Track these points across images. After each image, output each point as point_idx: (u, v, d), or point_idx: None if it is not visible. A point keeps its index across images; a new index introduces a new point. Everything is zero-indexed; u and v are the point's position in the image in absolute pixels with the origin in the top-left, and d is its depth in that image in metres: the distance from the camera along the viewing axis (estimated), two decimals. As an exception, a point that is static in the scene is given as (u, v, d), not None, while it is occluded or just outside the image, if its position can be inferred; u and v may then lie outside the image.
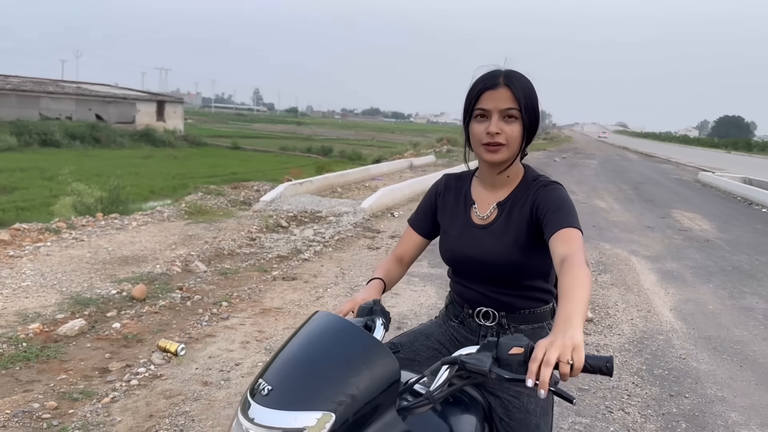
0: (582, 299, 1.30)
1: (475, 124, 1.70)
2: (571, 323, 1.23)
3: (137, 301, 5.10)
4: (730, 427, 3.51)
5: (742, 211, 13.71)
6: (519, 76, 1.69)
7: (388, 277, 1.87)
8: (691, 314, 5.65)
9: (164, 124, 39.74)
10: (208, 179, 21.07)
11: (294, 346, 1.29)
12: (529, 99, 1.68)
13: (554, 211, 1.60)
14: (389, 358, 1.24)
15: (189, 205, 10.03)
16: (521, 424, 1.70)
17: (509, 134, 1.65)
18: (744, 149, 63.55)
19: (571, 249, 1.47)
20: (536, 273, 1.73)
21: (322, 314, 1.39)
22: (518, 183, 1.77)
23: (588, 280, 1.37)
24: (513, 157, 1.71)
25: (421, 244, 1.96)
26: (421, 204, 1.98)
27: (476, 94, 1.68)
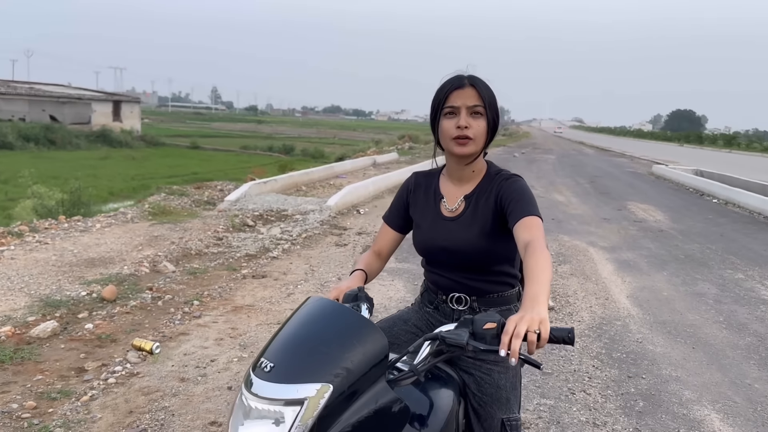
0: (545, 280, 1.46)
1: (444, 120, 1.85)
2: (537, 301, 1.38)
3: (108, 302, 5.12)
4: (684, 404, 3.75)
5: (694, 202, 14.27)
6: (480, 79, 1.86)
7: (369, 269, 2.00)
8: (647, 301, 5.94)
9: (121, 124, 39.00)
10: (168, 180, 20.83)
11: (291, 327, 1.41)
12: (491, 98, 1.85)
13: (517, 201, 1.77)
14: (379, 335, 1.38)
15: (153, 206, 9.96)
16: (492, 398, 1.86)
17: (476, 129, 1.81)
18: (696, 142, 65.64)
19: (533, 235, 1.64)
20: (503, 258, 1.89)
21: (315, 299, 1.51)
22: (482, 177, 1.93)
23: (549, 262, 1.53)
24: (479, 150, 1.87)
25: (397, 238, 2.09)
26: (393, 201, 2.11)
27: (445, 93, 1.84)
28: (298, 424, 1.22)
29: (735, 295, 6.23)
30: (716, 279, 6.89)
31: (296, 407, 1.23)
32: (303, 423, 1.22)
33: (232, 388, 3.69)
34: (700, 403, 3.78)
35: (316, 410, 1.22)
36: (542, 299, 1.40)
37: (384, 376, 1.38)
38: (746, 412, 3.68)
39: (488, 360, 1.87)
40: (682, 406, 3.73)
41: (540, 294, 1.41)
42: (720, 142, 62.30)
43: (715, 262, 7.73)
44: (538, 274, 1.48)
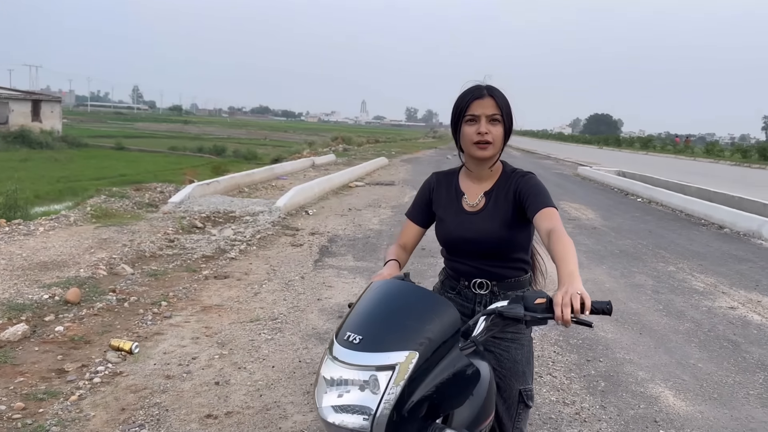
0: (575, 259, 1.71)
1: (466, 127, 2.06)
2: (574, 277, 1.62)
3: (73, 305, 5.05)
4: (641, 383, 4.12)
5: (620, 201, 15.13)
6: (498, 89, 2.08)
7: (399, 259, 2.18)
8: (592, 292, 6.25)
9: (41, 124, 37.27)
10: (95, 182, 20.16)
11: (368, 305, 1.58)
12: (507, 107, 2.07)
13: (535, 195, 2.00)
14: (452, 309, 1.57)
15: (94, 209, 9.72)
16: (510, 372, 2.10)
17: (495, 134, 2.04)
18: (614, 145, 68.88)
19: (553, 224, 1.88)
20: (519, 246, 2.12)
21: (381, 281, 1.69)
22: (499, 175, 2.15)
23: (572, 244, 1.77)
24: (498, 153, 2.09)
25: (420, 232, 2.29)
26: (416, 199, 2.31)
27: (466, 102, 2.05)
28: (391, 385, 1.39)
29: (670, 286, 6.76)
30: (651, 271, 7.44)
31: (389, 372, 1.40)
32: (396, 385, 1.39)
33: (219, 383, 3.78)
34: (654, 382, 4.15)
35: (407, 374, 1.40)
36: (577, 275, 1.64)
37: (457, 345, 1.57)
38: (694, 388, 4.09)
39: (506, 337, 2.10)
40: (639, 384, 4.10)
41: (575, 271, 1.65)
42: (637, 144, 65.62)
43: (648, 257, 8.32)
44: (568, 255, 1.72)
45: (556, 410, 3.67)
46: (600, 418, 3.60)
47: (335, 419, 1.44)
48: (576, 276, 1.64)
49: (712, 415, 3.72)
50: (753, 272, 7.67)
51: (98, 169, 27.00)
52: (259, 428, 3.27)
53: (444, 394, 1.48)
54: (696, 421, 3.64)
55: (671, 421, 3.61)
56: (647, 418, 3.63)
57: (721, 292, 6.61)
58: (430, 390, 1.45)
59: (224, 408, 3.47)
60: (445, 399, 1.50)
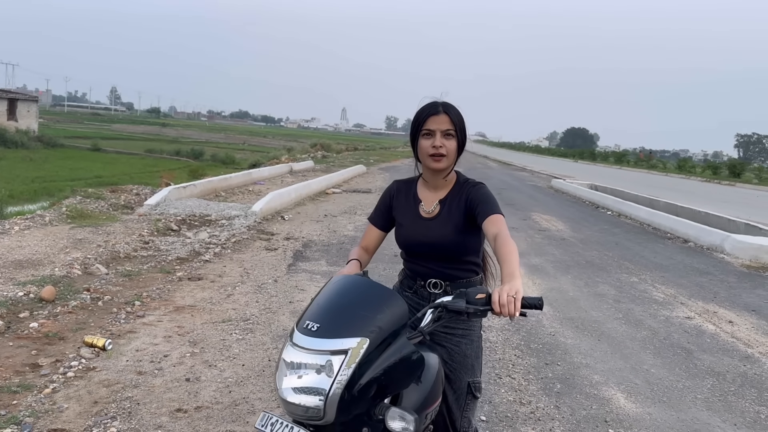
0: (517, 261, 1.89)
1: (422, 140, 2.25)
2: (513, 276, 1.81)
3: (47, 302, 5.13)
4: (594, 386, 4.33)
5: (590, 214, 15.49)
6: (453, 106, 2.28)
7: (361, 259, 2.35)
8: (556, 300, 6.60)
9: (16, 123, 36.83)
10: (70, 183, 20.04)
11: (327, 296, 1.75)
12: (461, 123, 2.27)
13: (484, 203, 2.20)
14: (401, 302, 1.76)
15: (70, 209, 9.75)
16: (460, 365, 2.28)
17: (449, 148, 2.23)
18: (589, 158, 70.06)
19: (499, 228, 2.07)
20: (471, 250, 2.31)
21: (341, 276, 1.86)
22: (453, 184, 2.34)
23: (515, 247, 1.96)
24: (451, 165, 2.28)
25: (381, 236, 2.47)
26: (378, 205, 2.49)
27: (423, 118, 2.25)
28: (344, 368, 1.56)
29: (631, 296, 7.02)
30: (614, 282, 7.70)
31: (342, 356, 1.57)
32: (347, 367, 1.56)
33: (190, 380, 3.90)
34: (607, 385, 4.37)
35: (358, 357, 1.58)
36: (517, 275, 1.83)
37: (405, 334, 1.75)
38: (645, 392, 4.31)
39: (457, 333, 2.29)
40: (593, 387, 4.31)
41: (515, 271, 1.84)
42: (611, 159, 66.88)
43: (612, 267, 8.60)
44: (510, 257, 1.90)
45: (513, 409, 3.86)
46: (553, 417, 3.80)
47: (293, 399, 1.61)
48: (515, 275, 1.82)
49: (660, 417, 3.94)
50: (712, 284, 7.97)
51: (74, 170, 26.82)
52: (228, 422, 3.41)
53: (391, 376, 1.66)
54: (644, 421, 3.85)
55: (621, 422, 3.82)
56: (598, 418, 3.83)
57: (680, 303, 6.88)
58: (379, 373, 1.62)
59: (194, 403, 3.60)
60: (392, 381, 1.68)
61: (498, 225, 2.09)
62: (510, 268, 1.86)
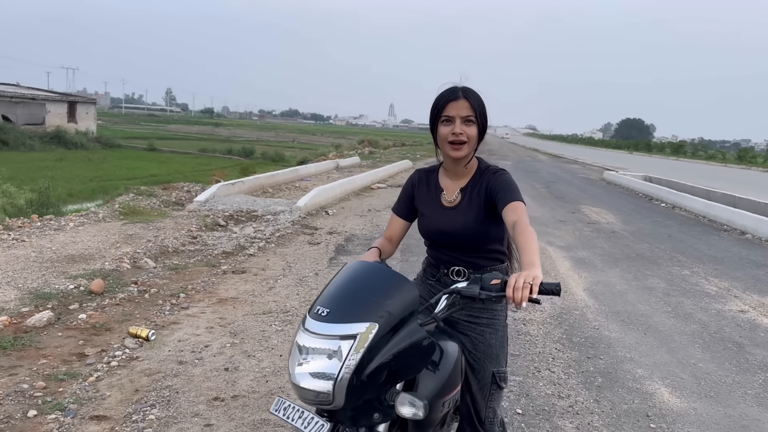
0: (536, 248, 1.84)
1: (442, 127, 2.21)
2: (533, 264, 1.76)
3: (96, 295, 5.31)
4: (638, 380, 4.21)
5: (643, 206, 15.04)
6: (473, 91, 2.22)
7: (382, 248, 2.34)
8: (602, 293, 6.44)
9: (76, 125, 38.27)
10: (126, 181, 20.66)
11: (339, 282, 1.75)
12: (482, 108, 2.21)
13: (504, 190, 2.15)
14: (411, 287, 1.74)
15: (122, 206, 10.06)
16: (485, 354, 2.24)
17: (469, 134, 2.18)
18: (644, 150, 68.04)
19: (519, 216, 2.02)
20: (494, 238, 2.26)
21: (355, 262, 1.86)
22: (474, 172, 2.30)
23: (535, 235, 1.91)
24: (472, 152, 2.24)
25: (404, 226, 2.45)
26: (400, 195, 2.48)
27: (442, 104, 2.20)
28: (352, 353, 1.56)
29: (682, 289, 6.79)
30: (665, 275, 7.46)
31: (350, 341, 1.57)
32: (356, 352, 1.56)
33: (228, 369, 3.98)
34: (651, 379, 4.24)
35: (366, 342, 1.57)
36: (537, 262, 1.78)
37: (415, 320, 1.73)
38: (692, 386, 4.16)
39: (481, 322, 2.25)
40: (636, 381, 4.19)
41: (535, 260, 1.79)
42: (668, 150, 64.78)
43: (664, 260, 8.32)
44: (529, 245, 1.86)
45: (550, 403, 3.79)
46: (592, 411, 3.70)
47: (305, 384, 1.61)
48: (535, 264, 1.77)
49: (706, 412, 3.79)
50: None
51: (130, 169, 27.67)
52: (263, 411, 3.46)
53: (401, 362, 1.64)
54: (688, 416, 3.72)
55: (663, 416, 3.69)
56: (639, 413, 3.72)
57: (734, 296, 6.61)
58: (388, 358, 1.61)
59: (231, 392, 3.67)
60: (403, 367, 1.66)
61: (517, 212, 2.04)
62: (529, 257, 1.81)
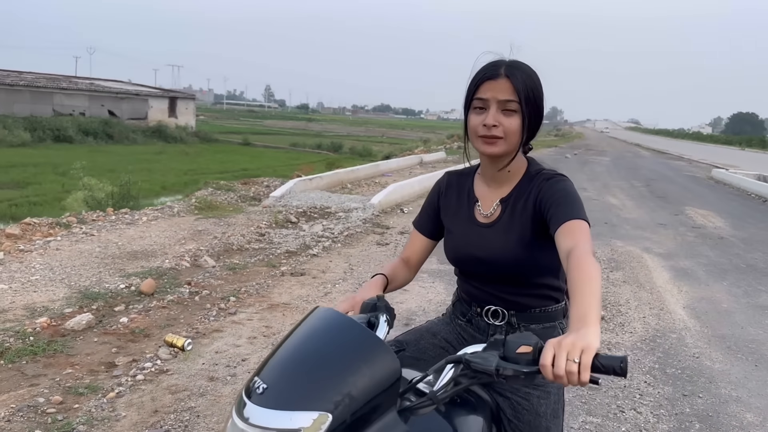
0: (593, 294, 1.25)
1: (473, 115, 1.63)
2: (585, 322, 1.18)
3: (145, 296, 5.09)
4: (746, 428, 3.44)
5: (756, 209, 13.54)
6: (522, 66, 1.63)
7: (392, 276, 1.80)
8: (705, 312, 5.57)
9: (176, 120, 39.86)
10: (218, 175, 21.09)
11: (291, 343, 1.24)
12: (532, 91, 1.61)
13: (559, 204, 1.55)
14: (389, 356, 1.19)
15: (199, 201, 10.03)
16: (530, 426, 1.65)
17: (507, 127, 1.58)
18: (758, 146, 62.78)
19: (576, 241, 1.42)
20: (545, 270, 1.67)
21: (322, 310, 1.34)
22: (521, 178, 1.71)
23: (597, 272, 1.31)
24: (512, 151, 1.64)
25: (428, 245, 1.90)
26: (424, 204, 1.92)
27: (476, 83, 1.62)
28: None
29: (803, 310, 5.78)
30: (782, 291, 6.43)
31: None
32: None
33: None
34: (763, 428, 3.45)
35: None
36: (592, 319, 1.19)
37: (396, 405, 1.19)
38: (817, 441, 3.35)
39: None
40: (743, 430, 3.42)
41: (589, 313, 1.20)
42: (786, 146, 59.41)
43: (781, 273, 7.24)
44: (584, 288, 1.27)
45: (633, 455, 3.12)
46: (687, 470, 3.00)
47: None
48: (588, 319, 1.19)
49: (839, 480, 3.00)
50: None
51: (223, 162, 28.38)
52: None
53: None
54: (815, 485, 2.94)
55: (781, 483, 2.94)
56: (749, 476, 2.98)
57: None
58: None
59: (257, 418, 3.25)
60: None
61: (575, 235, 1.44)
62: (581, 309, 1.23)
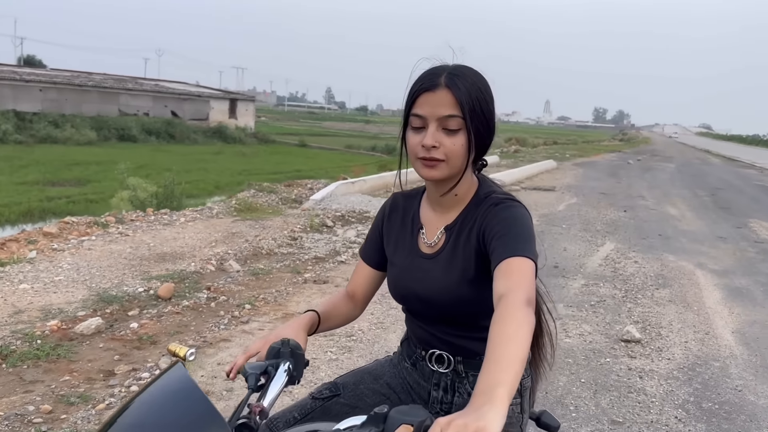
0: (510, 360, 1.01)
1: (411, 133, 1.40)
2: (489, 397, 0.94)
3: (162, 300, 5.04)
4: (786, 478, 3.05)
5: (831, 223, 12.57)
6: (466, 73, 1.38)
7: (327, 312, 1.59)
8: (756, 339, 5.09)
9: (236, 121, 40.68)
10: (272, 176, 21.34)
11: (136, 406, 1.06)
12: (478, 102, 1.36)
13: (501, 236, 1.30)
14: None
15: (239, 202, 10.05)
16: None
17: (449, 148, 1.35)
18: (841, 155, 59.01)
19: (510, 285, 1.17)
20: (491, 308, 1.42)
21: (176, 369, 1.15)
22: (469, 201, 1.47)
23: (524, 330, 1.07)
24: (456, 174, 1.40)
25: (374, 278, 1.66)
26: (370, 230, 1.70)
27: (412, 97, 1.39)
28: None
29: None
30: None
31: None
32: None
33: (255, 407, 3.41)
34: (808, 480, 3.05)
35: None
36: (498, 395, 0.94)
37: None
38: None
39: None
40: (784, 481, 3.03)
41: (497, 387, 0.96)
42: None
43: None
44: (501, 350, 1.03)
45: (649, 504, 2.79)
46: None
47: None
48: (495, 396, 0.94)
49: None
50: None
51: (278, 163, 28.76)
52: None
53: None
54: None
55: None
56: None
57: None
58: None
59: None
60: None
61: (511, 279, 1.20)
62: (489, 379, 0.99)
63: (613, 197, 14.17)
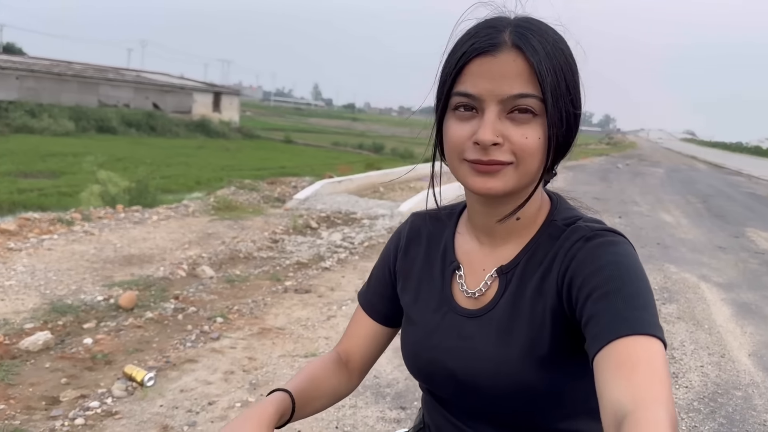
0: None
1: (453, 121, 0.90)
2: None
3: (123, 311, 4.50)
4: None
5: (828, 234, 12.29)
6: (542, 27, 0.87)
7: (305, 392, 1.00)
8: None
9: (220, 115, 39.89)
10: (256, 172, 20.77)
11: None
12: (563, 74, 0.86)
13: (605, 295, 0.79)
14: None
15: (218, 200, 9.51)
16: None
17: (519, 145, 0.85)
18: (823, 163, 59.51)
19: (638, 393, 0.67)
20: (577, 407, 0.93)
21: None
22: (538, 230, 0.96)
23: None
24: (526, 185, 0.90)
25: (379, 336, 1.13)
26: (374, 268, 1.17)
27: (457, 63, 0.87)
28: None
29: None
30: None
31: None
32: None
33: (220, 447, 2.91)
34: None
35: None
36: None
37: None
38: None
39: None
40: None
41: None
42: None
43: None
44: None
45: None
46: None
47: None
48: None
49: None
50: None
51: (262, 159, 28.10)
52: None
53: None
54: None
55: None
56: None
57: None
58: None
59: (204, 491, 2.59)
60: None
61: (636, 378, 0.69)
62: None
63: (606, 202, 13.80)
